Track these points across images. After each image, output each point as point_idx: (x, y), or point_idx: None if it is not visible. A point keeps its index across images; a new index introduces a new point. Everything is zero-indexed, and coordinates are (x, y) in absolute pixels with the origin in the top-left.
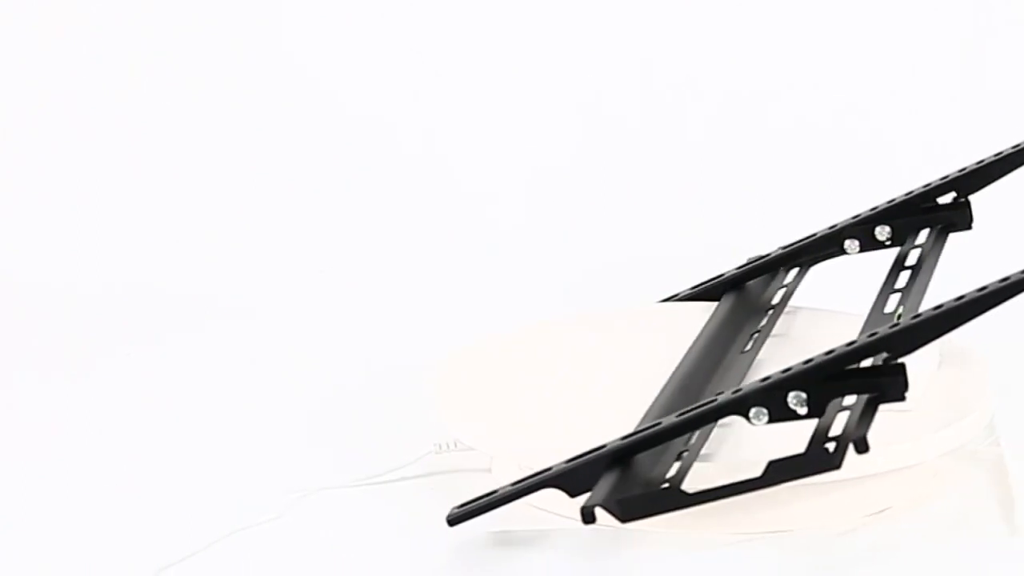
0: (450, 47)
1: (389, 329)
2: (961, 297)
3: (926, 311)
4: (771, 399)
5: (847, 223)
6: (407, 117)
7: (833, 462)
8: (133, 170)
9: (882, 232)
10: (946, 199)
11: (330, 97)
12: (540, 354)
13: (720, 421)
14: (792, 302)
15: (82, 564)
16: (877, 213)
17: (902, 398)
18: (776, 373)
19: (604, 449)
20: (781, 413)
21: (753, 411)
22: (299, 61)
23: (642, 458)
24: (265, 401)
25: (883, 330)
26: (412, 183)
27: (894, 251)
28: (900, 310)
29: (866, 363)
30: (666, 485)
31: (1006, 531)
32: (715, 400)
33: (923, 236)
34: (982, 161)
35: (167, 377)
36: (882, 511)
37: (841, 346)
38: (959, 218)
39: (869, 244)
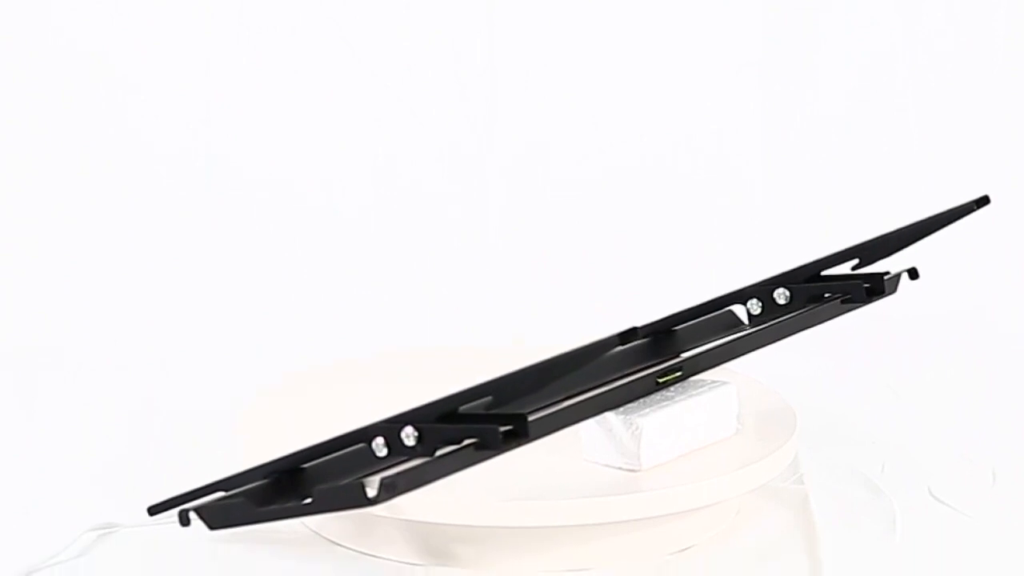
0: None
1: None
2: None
3: (539, 362)
4: (390, 432)
5: (753, 285)
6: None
7: (365, 500)
8: None
9: (781, 295)
10: (846, 268)
11: None
12: (350, 389)
13: None
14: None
15: None
16: (781, 276)
17: (498, 448)
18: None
19: (267, 462)
20: (396, 447)
21: (376, 442)
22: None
23: (315, 474)
24: (73, 432)
25: (495, 377)
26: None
27: None
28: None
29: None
30: (242, 499)
31: (807, 566)
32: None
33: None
34: (883, 233)
35: None
36: (685, 549)
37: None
38: (855, 290)
39: (770, 306)
